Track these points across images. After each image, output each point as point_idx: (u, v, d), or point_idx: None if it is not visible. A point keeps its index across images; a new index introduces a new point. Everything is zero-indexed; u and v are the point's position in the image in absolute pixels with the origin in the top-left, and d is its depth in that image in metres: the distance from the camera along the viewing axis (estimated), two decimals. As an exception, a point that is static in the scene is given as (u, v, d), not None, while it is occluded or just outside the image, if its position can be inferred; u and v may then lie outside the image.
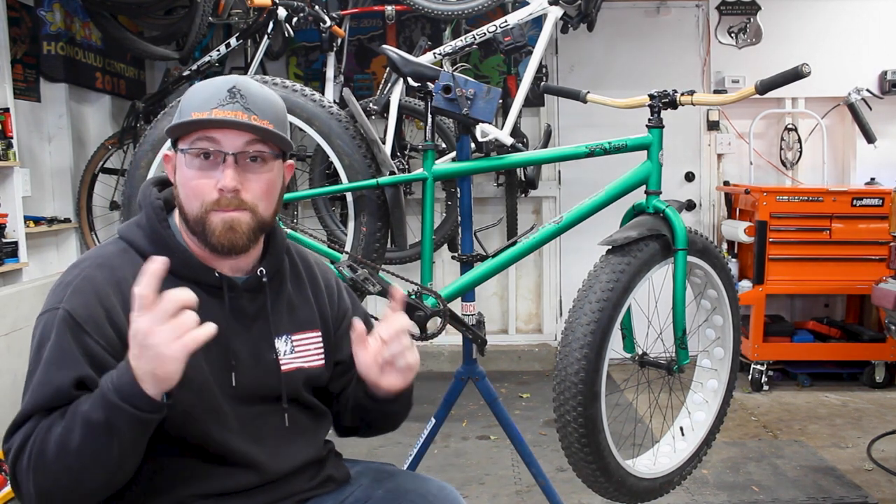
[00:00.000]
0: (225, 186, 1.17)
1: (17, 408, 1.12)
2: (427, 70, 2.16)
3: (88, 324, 1.12)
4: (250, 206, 1.20)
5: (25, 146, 3.56)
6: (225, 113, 1.17)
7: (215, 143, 1.18)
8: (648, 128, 2.08)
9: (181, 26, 3.64)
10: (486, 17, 3.66)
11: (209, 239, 1.19)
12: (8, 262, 3.19)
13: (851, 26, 4.65)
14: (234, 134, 1.18)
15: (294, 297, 1.35)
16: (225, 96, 1.18)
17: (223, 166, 1.18)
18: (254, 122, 1.18)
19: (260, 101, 1.21)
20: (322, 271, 1.44)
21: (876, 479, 2.95)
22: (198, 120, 1.17)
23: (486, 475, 3.00)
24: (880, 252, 3.93)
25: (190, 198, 1.19)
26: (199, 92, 1.21)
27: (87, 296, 1.14)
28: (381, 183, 2.22)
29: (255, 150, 1.20)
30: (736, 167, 4.84)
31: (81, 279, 1.16)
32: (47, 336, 1.13)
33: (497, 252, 2.15)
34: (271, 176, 1.23)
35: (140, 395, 1.03)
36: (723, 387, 2.33)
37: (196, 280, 1.21)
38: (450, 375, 2.32)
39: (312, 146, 3.68)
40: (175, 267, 1.16)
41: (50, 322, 1.13)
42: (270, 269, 1.30)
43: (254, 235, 1.22)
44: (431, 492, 1.31)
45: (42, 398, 1.09)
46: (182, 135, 1.20)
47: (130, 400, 1.03)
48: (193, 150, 1.18)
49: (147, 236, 1.22)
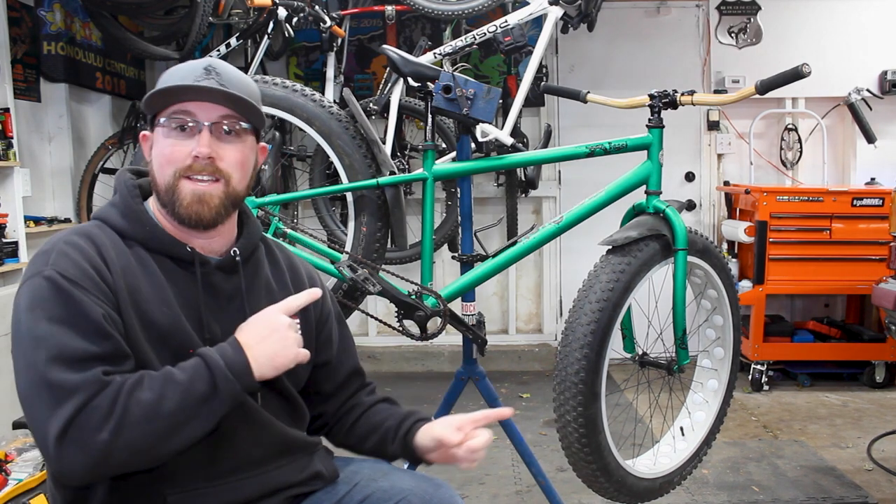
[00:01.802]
0: (200, 153, 1.20)
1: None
2: (427, 70, 2.16)
3: (82, 280, 1.11)
4: (225, 174, 1.23)
5: (25, 146, 3.56)
6: (200, 85, 1.21)
7: (191, 114, 1.21)
8: (648, 128, 2.08)
9: (181, 26, 3.64)
10: (486, 17, 3.66)
11: (177, 209, 1.21)
12: (8, 262, 3.19)
13: (851, 26, 4.65)
14: (210, 106, 1.21)
15: (273, 283, 1.36)
16: (201, 73, 1.22)
17: (199, 136, 1.21)
18: (229, 90, 1.21)
19: (234, 80, 1.24)
20: (305, 267, 1.46)
21: (876, 479, 2.95)
22: (174, 87, 1.20)
23: (486, 475, 3.00)
24: (880, 252, 3.93)
25: (164, 166, 1.21)
26: (175, 70, 1.26)
27: (73, 257, 1.13)
28: (381, 183, 2.22)
29: (229, 123, 1.23)
30: (736, 167, 4.84)
31: (63, 243, 1.15)
32: (41, 297, 1.10)
33: (497, 252, 2.15)
34: (245, 148, 1.26)
35: (250, 374, 1.13)
36: (723, 387, 2.34)
37: (167, 254, 1.23)
38: (450, 375, 2.32)
39: (312, 146, 3.68)
40: (146, 239, 1.22)
41: (40, 284, 1.10)
42: (244, 251, 1.32)
43: (224, 209, 1.24)
44: (428, 490, 1.30)
45: (85, 336, 1.07)
46: (159, 109, 1.23)
47: (241, 378, 1.12)
48: (170, 121, 1.21)
49: (121, 212, 1.24)
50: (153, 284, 1.20)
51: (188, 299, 1.23)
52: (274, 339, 1.16)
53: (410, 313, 2.10)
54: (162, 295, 1.19)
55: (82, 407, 1.03)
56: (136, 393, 1.06)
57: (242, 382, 1.12)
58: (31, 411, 1.06)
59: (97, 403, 1.04)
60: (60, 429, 1.03)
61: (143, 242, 1.22)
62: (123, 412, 1.04)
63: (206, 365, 1.11)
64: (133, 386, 1.07)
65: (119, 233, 1.22)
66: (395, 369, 4.67)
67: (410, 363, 4.71)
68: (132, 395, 1.06)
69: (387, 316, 2.42)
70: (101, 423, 1.03)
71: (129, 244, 1.22)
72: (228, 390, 1.11)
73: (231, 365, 1.12)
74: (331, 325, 1.44)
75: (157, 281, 1.20)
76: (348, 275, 2.03)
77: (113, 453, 1.04)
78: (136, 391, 1.06)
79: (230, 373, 1.11)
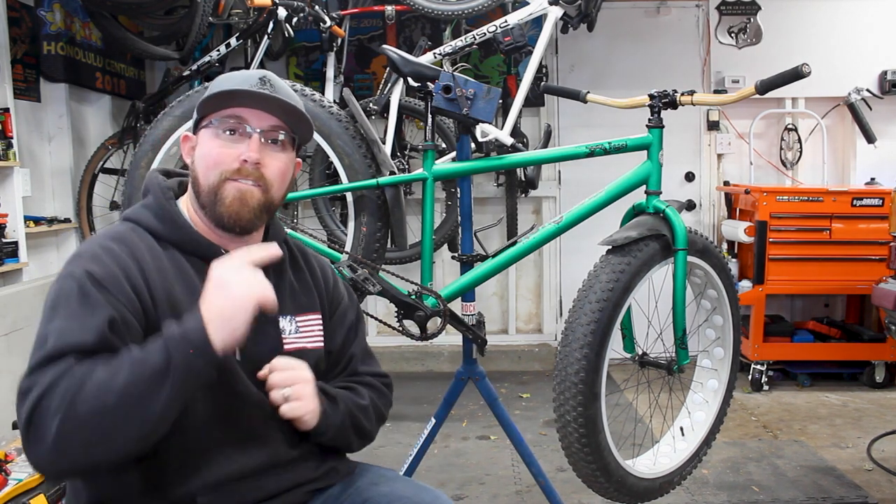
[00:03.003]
0: (249, 157, 1.23)
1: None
2: (427, 70, 2.16)
3: (108, 282, 1.12)
4: (267, 181, 1.26)
5: (25, 146, 3.56)
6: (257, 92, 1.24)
7: (243, 120, 1.24)
8: (648, 128, 2.08)
9: (181, 26, 3.65)
10: (486, 17, 3.66)
11: (218, 207, 1.23)
12: (8, 262, 3.19)
13: (851, 26, 4.65)
14: (262, 115, 1.25)
15: (295, 283, 1.38)
16: (256, 82, 1.26)
17: (249, 141, 1.24)
18: (284, 100, 1.25)
19: (287, 92, 1.29)
20: (319, 261, 1.48)
21: (876, 479, 2.95)
22: (234, 90, 1.23)
23: (486, 475, 3.00)
24: (880, 252, 3.93)
25: (210, 167, 1.24)
26: (231, 76, 1.29)
27: (105, 261, 1.14)
28: (381, 183, 2.22)
29: (278, 133, 1.27)
30: (736, 167, 4.84)
31: (97, 247, 1.17)
32: (65, 295, 1.10)
33: (497, 252, 2.15)
34: (288, 160, 1.31)
35: (205, 338, 1.05)
36: (723, 387, 2.34)
37: (200, 255, 1.25)
38: (450, 375, 2.32)
39: (312, 146, 3.68)
40: (181, 242, 1.24)
41: (67, 284, 1.11)
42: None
43: (261, 213, 1.27)
44: (426, 500, 1.31)
45: (73, 336, 1.05)
46: (213, 110, 1.25)
47: (195, 342, 1.04)
48: (222, 124, 1.24)
49: (155, 214, 1.25)
50: (187, 288, 1.20)
51: None
52: (221, 295, 1.08)
53: (410, 313, 2.10)
54: (195, 299, 1.18)
55: (43, 395, 1.00)
56: (91, 373, 1.02)
57: (197, 349, 1.05)
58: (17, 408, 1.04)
59: (56, 389, 1.00)
60: (24, 420, 1.01)
61: (178, 245, 1.24)
62: (76, 391, 1.00)
63: (161, 336, 1.07)
64: (90, 366, 1.02)
65: (153, 234, 1.24)
66: (395, 369, 4.67)
67: (410, 363, 4.71)
68: (87, 375, 1.01)
69: (387, 316, 2.42)
70: (57, 407, 0.99)
71: (164, 246, 1.23)
72: (182, 358, 1.04)
73: (186, 332, 1.06)
74: (340, 313, 1.45)
75: (191, 284, 1.21)
76: (348, 275, 2.03)
77: (69, 437, 0.99)
78: (91, 372, 1.02)
79: (182, 338, 1.05)
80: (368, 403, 1.40)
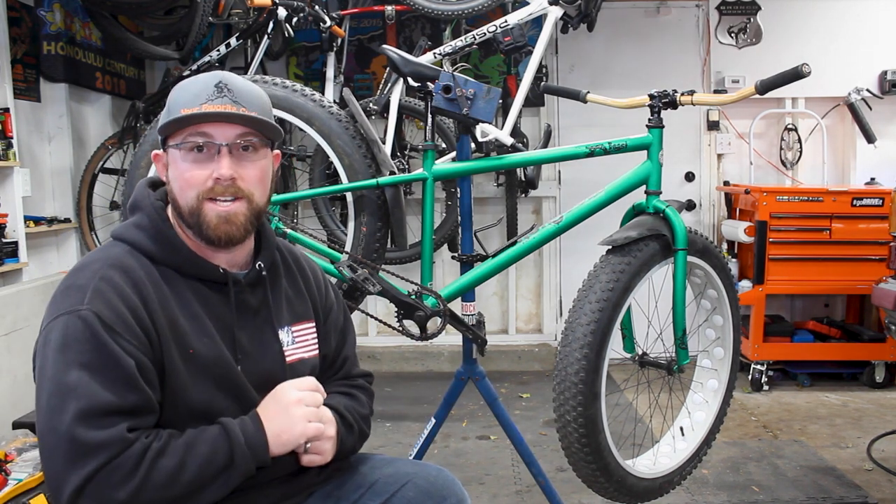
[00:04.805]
0: (221, 175, 1.20)
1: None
2: (427, 70, 2.16)
3: (118, 325, 1.11)
4: (246, 193, 1.23)
5: (25, 146, 3.56)
6: (215, 107, 1.20)
7: (208, 136, 1.21)
8: (648, 128, 2.08)
9: (181, 26, 3.64)
10: (486, 17, 3.66)
11: (204, 231, 1.21)
12: (8, 262, 3.19)
13: (851, 26, 4.65)
14: (226, 126, 1.21)
15: (289, 290, 1.38)
16: (212, 91, 1.21)
17: (218, 157, 1.21)
18: (244, 113, 1.21)
19: (246, 94, 1.24)
20: (309, 264, 1.48)
21: (876, 479, 2.95)
22: (190, 115, 1.19)
23: (486, 475, 3.00)
24: (880, 252, 3.93)
25: (185, 189, 1.21)
26: (186, 89, 1.24)
27: (110, 297, 1.13)
28: (381, 183, 2.22)
29: (246, 140, 1.23)
30: (736, 167, 4.84)
31: (98, 280, 1.15)
32: (75, 338, 1.10)
33: (497, 252, 2.15)
34: (264, 163, 1.27)
35: (266, 451, 1.18)
36: (723, 387, 2.34)
37: (200, 277, 1.24)
38: (450, 375, 2.32)
39: (312, 146, 3.68)
40: (180, 265, 1.22)
41: (75, 325, 1.10)
42: (267, 262, 1.34)
43: (250, 225, 1.25)
44: (431, 474, 1.36)
45: (105, 395, 1.07)
46: (174, 131, 1.22)
47: (258, 455, 1.17)
48: (187, 144, 1.21)
49: (151, 237, 1.23)
50: (190, 315, 1.21)
51: (221, 319, 1.24)
52: (283, 420, 1.21)
53: (410, 313, 2.10)
54: (200, 325, 1.21)
55: (103, 465, 1.05)
56: (159, 459, 1.09)
57: (258, 459, 1.17)
58: (50, 460, 1.07)
59: (119, 463, 1.06)
60: (78, 485, 1.04)
61: (176, 268, 1.23)
62: (145, 476, 1.07)
63: (228, 438, 1.15)
64: (158, 452, 1.09)
65: (150, 258, 1.22)
66: (395, 369, 4.67)
67: (410, 363, 4.71)
68: (155, 461, 1.08)
69: (387, 316, 2.42)
70: (122, 484, 1.05)
71: (161, 269, 1.22)
72: (244, 465, 1.15)
73: (250, 442, 1.16)
74: (333, 318, 1.46)
75: (193, 311, 1.21)
76: (348, 275, 2.03)
77: None
78: (159, 457, 1.09)
79: (248, 449, 1.16)
80: (368, 412, 1.45)
